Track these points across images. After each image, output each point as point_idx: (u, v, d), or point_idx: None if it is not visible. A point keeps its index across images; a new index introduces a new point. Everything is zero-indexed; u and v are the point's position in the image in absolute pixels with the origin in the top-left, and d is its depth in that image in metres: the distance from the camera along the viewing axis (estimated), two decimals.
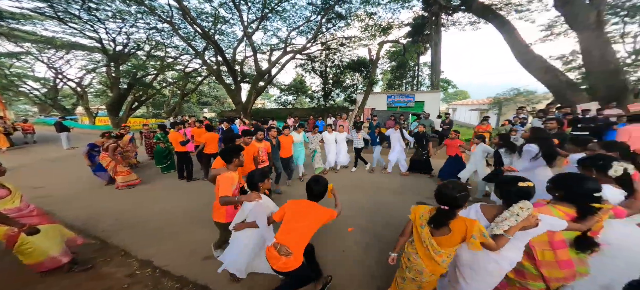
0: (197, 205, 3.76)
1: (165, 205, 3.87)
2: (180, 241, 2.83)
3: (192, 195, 4.26)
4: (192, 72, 17.75)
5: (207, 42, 11.53)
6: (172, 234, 2.99)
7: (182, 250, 2.66)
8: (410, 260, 1.48)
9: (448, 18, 15.01)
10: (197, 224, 3.21)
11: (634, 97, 7.25)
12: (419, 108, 12.00)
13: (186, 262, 2.45)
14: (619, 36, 10.38)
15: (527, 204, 1.25)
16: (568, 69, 10.66)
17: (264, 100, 33.83)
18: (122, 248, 2.68)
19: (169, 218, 3.42)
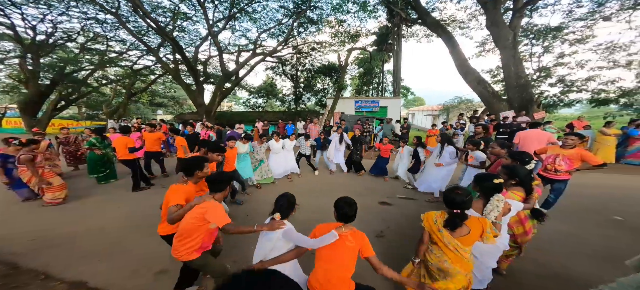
0: (143, 217, 3.43)
1: (101, 219, 3.40)
2: (125, 257, 2.49)
3: (137, 205, 3.84)
4: (142, 70, 15.71)
5: (164, 39, 10.52)
6: (112, 251, 2.63)
7: (127, 266, 2.35)
8: (442, 270, 1.50)
9: (407, 30, 16.82)
10: (145, 236, 2.88)
11: (537, 107, 9.38)
12: (383, 113, 13.17)
13: (133, 278, 2.16)
14: (528, 55, 13.19)
15: (500, 196, 1.58)
16: (494, 82, 13.08)
17: (231, 102, 32.07)
18: (41, 271, 2.27)
19: (107, 233, 3.02)
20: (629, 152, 6.05)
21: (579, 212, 3.50)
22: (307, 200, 3.97)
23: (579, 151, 2.98)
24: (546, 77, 12.03)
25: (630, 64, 9.97)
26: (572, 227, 3.07)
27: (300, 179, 5.47)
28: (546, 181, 3.27)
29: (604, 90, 10.49)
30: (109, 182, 5.00)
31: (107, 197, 4.24)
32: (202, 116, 11.78)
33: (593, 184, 4.72)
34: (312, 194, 4.44)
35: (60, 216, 3.53)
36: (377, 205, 3.90)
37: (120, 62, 14.51)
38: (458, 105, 16.19)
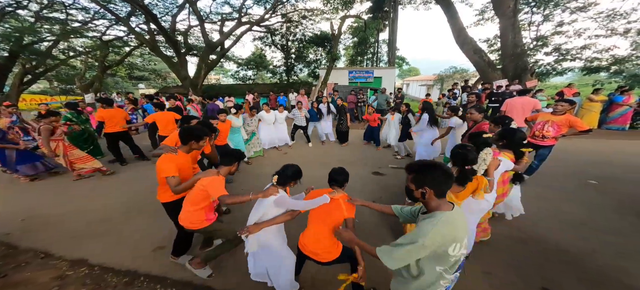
0: (136, 193, 3.40)
1: (93, 197, 3.36)
2: (121, 235, 2.53)
3: (129, 182, 3.80)
4: (114, 41, 14.32)
5: (134, 7, 9.37)
6: (108, 229, 2.64)
7: (125, 243, 2.38)
8: None
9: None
10: (140, 214, 2.89)
11: (530, 76, 9.36)
12: (377, 83, 12.86)
13: (132, 255, 2.20)
14: (527, 24, 12.75)
15: (488, 150, 1.61)
16: (490, 51, 12.76)
17: (218, 74, 30.35)
18: (40, 250, 2.27)
19: (101, 211, 2.99)
20: (610, 118, 6.28)
21: (560, 177, 3.67)
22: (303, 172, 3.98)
23: (567, 117, 3.02)
24: (542, 46, 11.80)
25: (628, 31, 9.83)
26: (551, 192, 3.24)
27: (294, 151, 5.46)
28: (531, 147, 3.37)
29: (598, 58, 10.48)
30: (95, 158, 4.81)
31: (95, 175, 4.11)
32: (187, 89, 11.17)
33: (575, 150, 4.94)
34: (307, 166, 4.45)
35: (48, 196, 3.45)
36: (371, 175, 3.99)
37: (86, 32, 13.04)
38: (453, 75, 15.96)
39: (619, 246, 2.15)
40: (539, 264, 1.99)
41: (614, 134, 6.04)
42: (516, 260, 2.03)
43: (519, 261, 2.02)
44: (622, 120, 6.14)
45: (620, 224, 2.49)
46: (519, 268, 1.95)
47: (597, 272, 1.87)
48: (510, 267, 1.95)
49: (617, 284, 1.76)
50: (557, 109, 3.09)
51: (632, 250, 2.09)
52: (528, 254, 2.09)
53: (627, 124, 6.16)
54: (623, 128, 6.15)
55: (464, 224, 0.98)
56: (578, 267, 1.93)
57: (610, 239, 2.24)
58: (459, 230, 0.94)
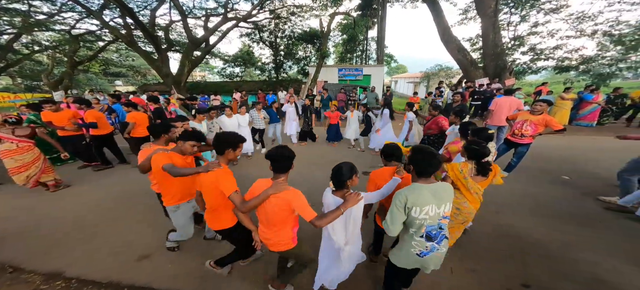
0: (116, 199, 3.25)
1: (68, 204, 3.15)
2: (101, 244, 2.38)
3: (108, 187, 3.62)
4: (85, 35, 13.32)
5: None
6: (86, 237, 2.47)
7: (105, 253, 2.24)
8: (459, 209, 1.81)
9: None
10: (121, 220, 2.76)
11: (509, 74, 9.86)
12: (366, 81, 12.96)
13: (114, 266, 2.08)
14: (506, 24, 13.36)
15: (492, 143, 1.98)
16: (472, 50, 13.28)
17: (203, 71, 29.16)
18: (8, 264, 2.10)
19: (78, 219, 2.80)
20: (580, 115, 6.78)
21: (536, 173, 3.91)
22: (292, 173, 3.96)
23: (544, 117, 3.20)
24: (519, 45, 12.45)
25: (595, 33, 10.60)
26: (529, 187, 3.44)
27: (260, 157, 5.29)
28: (512, 145, 3.56)
29: (568, 58, 11.23)
30: (65, 163, 4.45)
31: (69, 180, 3.82)
32: (170, 87, 10.63)
33: (549, 147, 5.27)
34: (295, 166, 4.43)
35: (15, 204, 3.16)
36: (361, 175, 4.03)
37: (53, 25, 11.99)
38: (438, 73, 16.46)
39: (590, 240, 2.33)
40: (520, 259, 2.12)
41: (583, 130, 6.54)
42: (499, 256, 2.15)
43: (501, 257, 2.14)
44: (591, 117, 6.65)
45: (589, 218, 2.69)
46: (502, 264, 2.06)
47: (572, 266, 2.02)
48: (494, 264, 2.06)
49: (589, 276, 1.91)
50: (535, 109, 3.27)
51: (602, 243, 2.27)
52: (509, 250, 2.22)
53: (594, 121, 6.69)
54: (591, 125, 6.67)
55: (428, 197, 1.26)
56: (555, 261, 2.08)
57: (582, 233, 2.43)
58: (421, 198, 1.25)
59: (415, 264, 1.37)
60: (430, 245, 1.31)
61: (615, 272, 1.92)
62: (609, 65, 10.37)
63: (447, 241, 1.38)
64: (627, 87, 12.18)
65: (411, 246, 1.33)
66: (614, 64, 10.28)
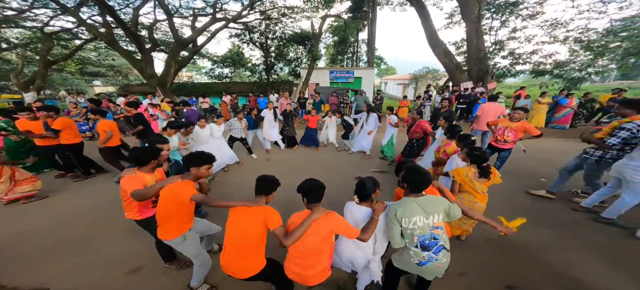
0: (98, 209, 3.13)
1: (47, 216, 2.98)
2: (88, 257, 2.27)
3: (87, 197, 3.46)
4: (60, 33, 12.51)
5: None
6: (70, 251, 2.36)
7: (93, 267, 2.14)
8: (473, 209, 2.02)
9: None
10: (105, 232, 2.66)
11: (490, 78, 10.39)
12: (357, 83, 13.15)
13: (103, 280, 2.00)
14: (487, 29, 14.03)
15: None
16: (458, 54, 13.84)
17: (190, 72, 28.25)
18: None
19: (57, 231, 2.67)
20: (556, 118, 7.27)
21: (517, 176, 4.13)
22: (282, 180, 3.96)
23: (522, 124, 3.44)
24: (500, 50, 13.15)
25: (567, 39, 11.40)
26: (510, 191, 3.65)
27: (273, 157, 5.33)
28: (495, 150, 3.78)
29: (543, 63, 12.01)
30: (41, 172, 4.20)
31: (47, 191, 3.61)
32: (154, 89, 10.22)
33: (530, 150, 5.56)
34: (285, 174, 4.45)
35: None
36: (353, 180, 4.11)
37: (23, 22, 11.16)
38: (426, 75, 17.02)
39: (565, 241, 2.53)
40: (504, 261, 2.27)
41: (557, 133, 7.01)
42: (485, 259, 2.29)
43: (487, 260, 2.28)
44: (564, 121, 7.16)
45: (564, 220, 2.91)
46: (488, 267, 2.20)
47: (550, 268, 2.18)
48: (481, 267, 2.20)
49: (567, 277, 2.07)
50: (514, 116, 3.50)
51: (577, 244, 2.47)
52: (494, 253, 2.37)
53: (568, 124, 7.20)
54: (565, 127, 7.18)
55: (416, 208, 1.41)
56: (536, 262, 2.24)
57: (558, 235, 2.63)
58: (408, 209, 1.42)
59: (414, 270, 1.48)
60: (426, 255, 1.41)
61: (589, 273, 2.10)
62: (579, 70, 11.21)
63: (447, 253, 1.45)
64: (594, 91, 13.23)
65: (410, 256, 1.45)
66: (583, 69, 11.12)
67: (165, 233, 1.68)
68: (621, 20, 10.68)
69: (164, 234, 1.69)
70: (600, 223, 2.74)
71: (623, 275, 2.05)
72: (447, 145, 2.83)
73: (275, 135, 5.55)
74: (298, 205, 1.56)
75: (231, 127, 4.67)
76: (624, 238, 2.52)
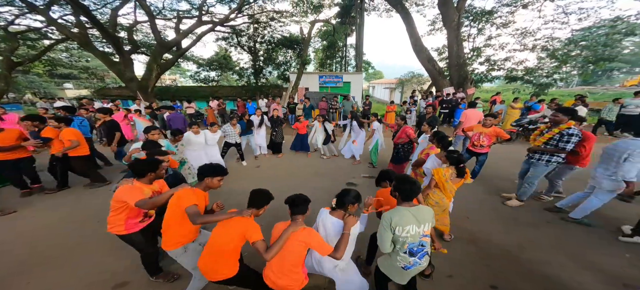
0: (77, 222, 3.02)
1: (18, 230, 2.87)
2: (68, 272, 2.20)
3: (61, 209, 3.32)
4: (27, 33, 11.62)
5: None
6: (49, 266, 2.28)
7: (74, 283, 2.08)
8: (438, 203, 2.36)
9: (370, 2, 16.62)
10: (86, 246, 2.58)
11: (470, 84, 11.05)
12: (346, 88, 13.39)
13: None
14: (466, 36, 14.90)
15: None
16: (440, 60, 14.58)
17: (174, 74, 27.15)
18: None
19: (33, 246, 2.56)
20: None
21: (495, 179, 4.41)
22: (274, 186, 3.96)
23: (494, 129, 3.81)
24: (477, 56, 14.05)
25: (535, 47, 12.45)
26: (487, 192, 3.92)
27: (264, 163, 5.32)
28: (473, 155, 4.06)
29: (515, 69, 13.00)
30: (4, 185, 3.92)
31: (8, 207, 3.34)
32: (135, 92, 9.71)
33: (503, 153, 6.02)
34: (278, 179, 4.46)
35: None
36: (345, 186, 4.19)
37: None
38: (411, 80, 17.74)
39: (539, 240, 2.76)
40: (487, 262, 2.44)
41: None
42: (469, 260, 2.46)
43: (472, 261, 2.45)
44: None
45: (537, 220, 3.17)
46: (473, 267, 2.37)
47: (527, 266, 2.38)
48: (466, 268, 2.36)
49: (541, 274, 2.27)
50: (486, 123, 3.84)
51: (549, 242, 2.71)
52: (478, 254, 2.55)
53: None
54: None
55: (410, 217, 1.48)
56: (515, 262, 2.43)
57: (532, 234, 2.87)
58: (403, 218, 1.47)
59: (397, 274, 1.59)
60: (412, 260, 1.52)
61: (561, 269, 2.33)
62: (546, 76, 12.27)
63: (428, 257, 1.61)
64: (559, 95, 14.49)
65: (396, 261, 1.55)
66: (550, 75, 12.19)
67: (168, 243, 1.69)
68: (580, 30, 11.88)
69: (166, 244, 1.69)
70: (568, 222, 3.05)
71: (593, 274, 2.27)
72: (431, 148, 2.99)
73: (260, 140, 5.56)
74: (286, 214, 1.59)
75: (225, 133, 4.66)
76: (593, 236, 2.80)
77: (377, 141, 4.81)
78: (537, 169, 3.16)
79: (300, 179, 4.57)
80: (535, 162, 3.16)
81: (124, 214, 1.78)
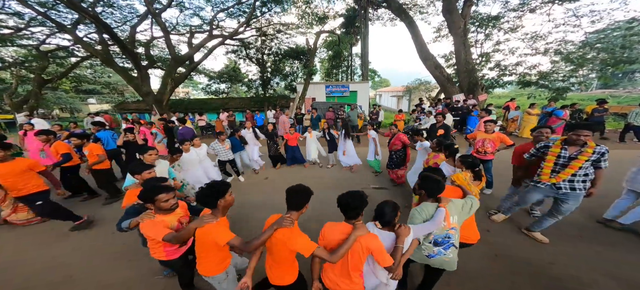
0: (84, 235, 3.07)
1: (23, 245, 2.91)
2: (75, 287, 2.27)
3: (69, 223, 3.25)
4: (56, 51, 12.58)
5: (81, 15, 8.39)
6: (56, 283, 2.32)
7: None
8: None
9: (374, 12, 16.93)
10: (93, 259, 2.62)
11: (481, 90, 10.80)
12: (353, 97, 13.43)
13: None
14: (474, 42, 14.74)
15: None
16: (447, 66, 14.43)
17: (187, 88, 28.37)
18: None
19: (42, 261, 2.60)
20: None
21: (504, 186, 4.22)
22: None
23: (498, 135, 3.69)
24: (487, 61, 13.78)
25: (547, 51, 12.09)
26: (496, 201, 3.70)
27: (271, 175, 5.29)
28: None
29: (528, 74, 12.61)
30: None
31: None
32: (150, 106, 10.16)
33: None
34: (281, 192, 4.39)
35: None
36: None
37: (18, 40, 11.18)
38: (418, 87, 17.56)
39: (568, 256, 2.54)
40: (510, 279, 2.25)
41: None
42: (491, 276, 2.28)
43: (494, 277, 2.27)
44: (558, 132, 7.34)
45: (567, 234, 2.94)
46: (494, 284, 2.19)
47: (556, 283, 2.18)
48: (487, 284, 2.18)
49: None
50: (487, 128, 3.70)
51: (580, 259, 2.48)
52: (499, 270, 2.36)
53: (560, 135, 7.33)
54: (557, 139, 7.32)
55: (433, 211, 1.61)
56: (541, 279, 2.24)
57: (560, 249, 2.65)
58: (428, 213, 1.60)
59: (421, 260, 1.71)
60: (436, 250, 1.64)
61: (594, 286, 2.11)
62: (562, 80, 11.81)
63: (455, 250, 1.67)
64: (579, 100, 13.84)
65: (420, 249, 1.68)
66: (566, 79, 11.72)
67: (208, 269, 1.58)
68: (595, 33, 11.46)
69: (205, 270, 1.58)
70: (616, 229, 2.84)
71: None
72: (436, 157, 3.05)
73: (255, 154, 5.31)
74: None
75: (214, 150, 4.42)
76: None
77: (375, 149, 4.82)
78: (577, 200, 2.42)
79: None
80: (576, 192, 2.37)
81: (160, 244, 1.72)
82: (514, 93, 15.90)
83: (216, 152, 4.46)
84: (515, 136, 7.88)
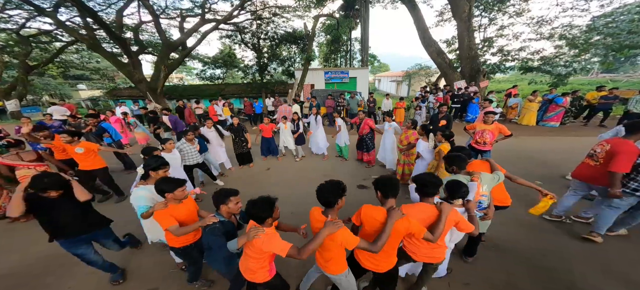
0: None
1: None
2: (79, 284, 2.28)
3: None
4: (38, 35, 12.00)
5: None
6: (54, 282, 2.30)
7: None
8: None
9: None
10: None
11: (482, 76, 10.59)
12: (352, 83, 13.15)
13: None
14: (477, 27, 14.25)
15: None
16: (449, 52, 14.04)
17: (181, 73, 27.46)
18: None
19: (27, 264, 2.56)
20: (548, 116, 7.37)
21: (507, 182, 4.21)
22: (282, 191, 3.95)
23: (496, 125, 3.67)
24: (489, 47, 13.42)
25: (552, 36, 11.78)
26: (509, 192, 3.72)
27: (274, 165, 5.28)
28: (477, 152, 3.85)
29: (530, 59, 12.37)
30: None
31: None
32: (144, 94, 9.86)
33: (518, 149, 5.62)
34: (286, 185, 4.43)
35: None
36: (356, 189, 4.13)
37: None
38: (418, 72, 17.25)
39: (563, 248, 2.60)
40: (507, 270, 2.33)
41: (547, 131, 7.12)
42: (489, 268, 2.35)
43: (492, 268, 2.34)
44: (556, 119, 7.32)
45: (558, 225, 3.00)
46: (492, 276, 2.26)
47: (550, 274, 2.25)
48: (485, 276, 2.26)
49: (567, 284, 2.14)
50: (486, 119, 3.68)
51: (573, 251, 2.54)
52: (498, 261, 2.43)
53: (558, 122, 7.33)
54: (555, 125, 7.33)
55: (467, 181, 1.91)
56: (537, 270, 2.31)
57: (556, 240, 2.71)
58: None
59: None
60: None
61: (583, 280, 2.19)
62: (565, 66, 11.62)
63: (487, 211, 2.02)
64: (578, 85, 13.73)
65: None
66: (569, 65, 11.54)
67: (333, 268, 1.59)
68: (602, 16, 11.11)
69: (332, 270, 1.58)
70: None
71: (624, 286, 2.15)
72: (413, 134, 3.65)
73: (223, 155, 4.81)
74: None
75: (183, 151, 3.60)
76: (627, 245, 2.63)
77: (343, 137, 5.17)
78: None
79: (308, 182, 4.51)
80: None
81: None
82: (515, 78, 15.71)
83: (183, 153, 3.60)
84: (514, 123, 7.87)
